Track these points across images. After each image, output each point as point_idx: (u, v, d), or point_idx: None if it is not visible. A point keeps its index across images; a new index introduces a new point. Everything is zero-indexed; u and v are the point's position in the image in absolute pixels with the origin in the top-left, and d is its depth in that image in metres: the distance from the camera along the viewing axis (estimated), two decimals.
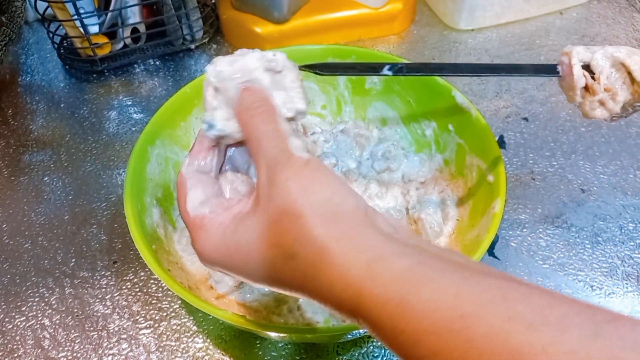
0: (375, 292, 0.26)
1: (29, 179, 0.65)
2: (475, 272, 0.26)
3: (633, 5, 0.86)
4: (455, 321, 0.24)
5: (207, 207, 0.34)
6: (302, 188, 0.29)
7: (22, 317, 0.53)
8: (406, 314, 0.25)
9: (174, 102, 0.56)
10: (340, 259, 0.28)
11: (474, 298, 0.24)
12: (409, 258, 0.27)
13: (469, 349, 0.24)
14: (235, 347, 0.50)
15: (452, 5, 0.83)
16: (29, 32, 0.87)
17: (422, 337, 0.25)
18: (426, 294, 0.25)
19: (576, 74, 0.40)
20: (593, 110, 0.41)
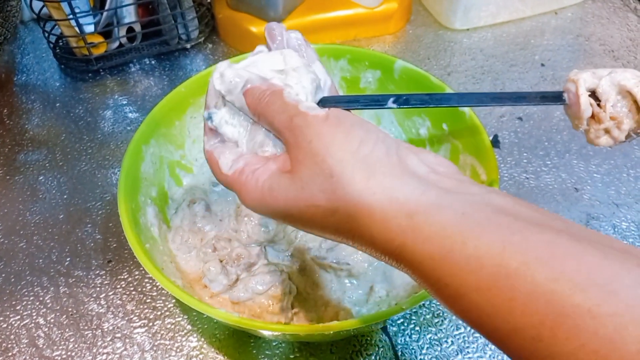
0: (418, 246, 0.26)
1: (24, 178, 0.66)
2: (523, 224, 0.25)
3: (627, 5, 0.87)
4: (500, 279, 0.24)
5: (241, 161, 0.34)
6: (326, 147, 0.29)
7: (17, 316, 0.53)
8: (450, 269, 0.25)
9: (169, 101, 0.56)
10: (379, 213, 0.27)
11: (520, 255, 0.24)
12: (451, 209, 0.26)
13: (512, 306, 0.23)
14: (230, 345, 0.51)
15: (447, 4, 0.83)
16: (25, 31, 0.87)
17: (466, 292, 0.25)
18: (470, 249, 0.25)
19: (583, 105, 0.40)
20: (598, 139, 0.41)
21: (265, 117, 0.33)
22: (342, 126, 0.30)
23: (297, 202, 0.30)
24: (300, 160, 0.30)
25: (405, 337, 0.51)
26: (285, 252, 0.54)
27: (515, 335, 0.24)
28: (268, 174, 0.32)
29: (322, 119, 0.30)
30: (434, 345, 0.51)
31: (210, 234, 0.54)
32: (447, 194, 0.27)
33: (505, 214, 0.26)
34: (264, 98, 0.33)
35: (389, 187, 0.27)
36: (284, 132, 0.31)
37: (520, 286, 0.23)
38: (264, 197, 0.32)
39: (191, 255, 0.53)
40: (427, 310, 0.53)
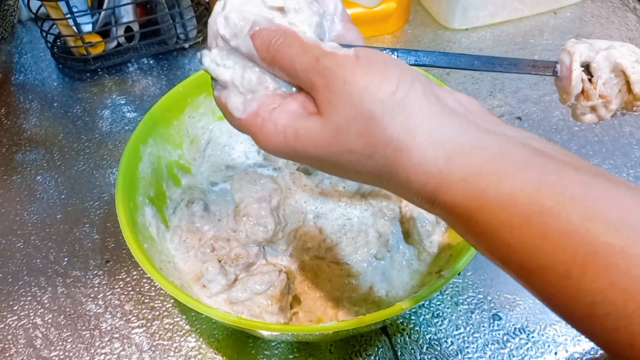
0: (453, 186, 0.26)
1: (21, 178, 0.65)
2: (560, 165, 0.25)
3: (626, 5, 0.87)
4: (533, 216, 0.24)
5: (253, 102, 0.32)
6: (363, 88, 0.27)
7: (14, 316, 0.53)
8: (482, 207, 0.25)
9: (167, 100, 0.56)
10: (418, 157, 0.27)
11: (555, 194, 0.24)
12: (489, 149, 0.26)
13: (543, 243, 0.23)
14: (228, 346, 0.50)
15: (445, 4, 0.83)
16: (23, 31, 0.87)
17: (496, 229, 0.25)
18: (505, 188, 0.25)
19: (574, 80, 0.39)
20: (583, 115, 0.40)
21: (280, 61, 0.30)
22: (376, 65, 0.28)
23: (330, 147, 0.29)
24: (333, 103, 0.28)
25: (405, 337, 0.51)
26: (284, 252, 0.54)
27: (543, 272, 0.24)
28: (288, 116, 0.30)
29: (353, 59, 0.28)
30: (433, 345, 0.50)
31: (208, 233, 0.54)
32: (486, 134, 0.27)
33: (543, 156, 0.26)
34: (276, 40, 0.31)
35: (429, 129, 0.27)
36: (310, 74, 0.29)
37: (553, 224, 0.23)
38: (288, 142, 0.30)
39: (189, 255, 0.52)
40: (426, 310, 0.53)
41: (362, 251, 0.53)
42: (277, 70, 0.31)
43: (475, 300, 0.53)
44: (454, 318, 0.52)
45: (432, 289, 0.42)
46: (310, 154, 0.30)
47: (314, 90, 0.29)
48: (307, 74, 0.29)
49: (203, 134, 0.60)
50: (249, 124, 0.31)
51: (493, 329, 0.51)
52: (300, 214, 0.55)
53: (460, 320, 0.52)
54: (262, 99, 0.31)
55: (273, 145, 0.30)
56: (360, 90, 0.27)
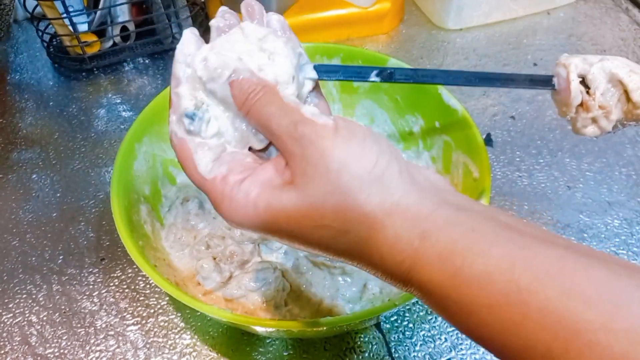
0: (428, 265, 0.26)
1: (17, 177, 0.65)
2: (531, 239, 0.25)
3: (619, 6, 0.87)
4: (511, 295, 0.23)
5: (223, 165, 0.30)
6: (342, 163, 0.27)
7: (10, 314, 0.53)
8: (459, 287, 0.25)
9: (162, 99, 0.56)
10: (393, 234, 0.26)
11: (530, 271, 0.24)
12: (461, 225, 0.26)
13: (523, 323, 0.23)
14: (223, 343, 0.51)
15: (440, 4, 0.83)
16: (18, 30, 0.87)
17: (475, 309, 0.24)
18: (480, 266, 0.24)
19: (573, 91, 0.38)
20: (585, 128, 0.40)
21: (257, 117, 0.30)
22: (355, 139, 0.28)
23: (303, 221, 0.28)
24: (308, 175, 0.27)
25: (399, 334, 0.51)
26: (279, 249, 0.54)
27: (525, 352, 0.23)
28: (260, 187, 0.29)
29: (332, 130, 0.28)
30: (427, 342, 0.51)
31: (203, 231, 0.54)
32: (457, 211, 0.27)
33: (512, 230, 0.26)
34: (255, 94, 0.30)
35: (404, 207, 0.27)
36: (285, 139, 0.28)
37: (531, 302, 0.23)
38: (258, 215, 0.28)
39: (184, 252, 0.53)
40: (420, 307, 0.53)
41: None
42: (252, 123, 0.31)
43: None
44: None
45: None
46: (282, 228, 0.28)
47: (290, 156, 0.28)
48: (283, 138, 0.28)
49: None
50: (213, 187, 0.30)
51: None
52: None
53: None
54: (232, 163, 0.30)
55: (240, 216, 0.29)
56: (338, 165, 0.27)
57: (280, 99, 0.30)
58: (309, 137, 0.27)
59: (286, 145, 0.28)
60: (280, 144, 0.29)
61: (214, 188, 0.29)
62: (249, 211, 0.28)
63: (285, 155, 0.29)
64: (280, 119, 0.29)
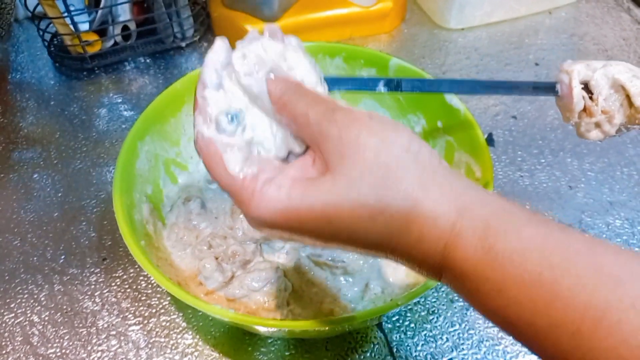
0: (464, 241, 0.26)
1: (18, 176, 0.65)
2: (558, 225, 0.26)
3: (620, 5, 0.87)
4: (543, 272, 0.24)
5: (253, 165, 0.30)
6: (380, 141, 0.28)
7: (11, 313, 0.53)
8: (493, 263, 0.25)
9: (164, 98, 0.56)
10: (431, 209, 0.27)
11: (562, 250, 0.24)
12: (492, 205, 0.27)
13: (553, 300, 0.23)
14: (225, 343, 0.51)
15: (442, 4, 0.83)
16: (19, 29, 0.87)
17: (506, 285, 0.25)
18: (514, 243, 0.25)
19: (576, 97, 0.39)
20: (588, 132, 0.40)
21: (293, 107, 0.30)
22: (389, 124, 0.29)
23: (340, 203, 0.27)
24: (346, 155, 0.28)
25: (401, 334, 0.51)
26: (280, 249, 0.54)
27: (554, 330, 0.24)
28: (290, 181, 0.29)
29: (367, 115, 0.29)
30: (429, 342, 0.51)
31: (205, 231, 0.54)
32: (487, 194, 0.28)
33: (539, 215, 0.26)
34: (291, 89, 0.31)
35: (440, 185, 0.28)
36: (323, 123, 0.29)
37: (563, 280, 0.23)
38: (292, 207, 0.28)
39: (186, 252, 0.53)
40: (422, 307, 0.53)
41: None
42: (286, 117, 0.31)
43: None
44: (450, 315, 0.52)
45: (428, 286, 0.42)
46: (317, 216, 0.28)
47: (324, 141, 0.29)
48: (320, 123, 0.29)
49: None
50: (243, 185, 0.30)
51: (488, 326, 0.51)
52: None
53: (455, 317, 0.52)
54: (262, 164, 0.30)
55: (271, 211, 0.28)
56: (375, 143, 0.28)
57: (314, 93, 0.31)
58: (344, 120, 0.28)
59: (323, 130, 0.29)
60: (316, 132, 0.29)
61: (244, 187, 0.29)
62: (282, 203, 0.28)
63: (318, 143, 0.29)
64: (317, 106, 0.29)
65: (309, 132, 0.30)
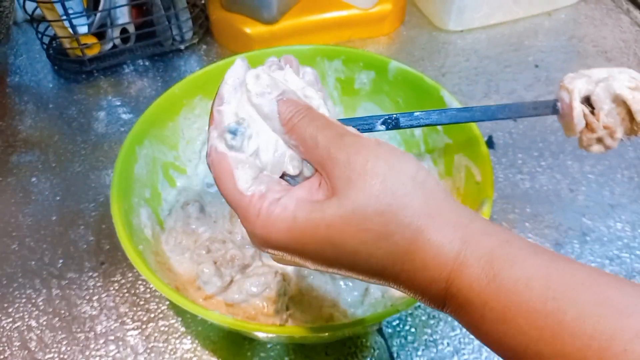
0: (468, 270, 0.27)
1: (16, 180, 0.65)
2: (562, 256, 0.26)
3: (620, 7, 0.87)
4: (548, 302, 0.24)
5: (262, 184, 0.30)
6: (387, 169, 0.28)
7: (9, 318, 0.53)
8: (498, 291, 0.26)
9: (162, 102, 0.56)
10: (436, 237, 0.27)
11: (566, 280, 0.25)
12: (496, 236, 0.27)
13: (559, 330, 0.24)
14: (224, 348, 0.50)
15: (441, 6, 0.83)
16: (18, 32, 0.86)
17: (511, 315, 0.25)
18: (518, 272, 0.25)
19: (576, 117, 0.38)
20: (590, 147, 0.40)
21: (302, 130, 0.30)
22: (397, 152, 0.29)
23: (344, 227, 0.28)
24: (353, 180, 0.28)
25: (401, 339, 0.51)
26: None
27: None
28: (295, 202, 0.29)
29: (375, 142, 0.29)
30: (429, 347, 0.50)
31: (204, 235, 0.54)
32: (490, 225, 0.28)
33: (540, 247, 0.27)
34: (301, 112, 0.31)
35: (445, 214, 0.28)
36: (332, 148, 0.29)
37: (568, 310, 0.24)
38: (296, 227, 0.28)
39: (185, 257, 0.52)
40: (422, 311, 0.53)
41: None
42: (294, 139, 0.31)
43: None
44: (450, 319, 0.52)
45: None
46: (321, 238, 0.28)
47: (332, 165, 0.29)
48: (328, 147, 0.29)
49: (199, 135, 0.60)
50: (250, 203, 0.30)
51: None
52: None
53: (456, 321, 0.52)
54: (270, 184, 0.31)
55: (276, 230, 0.29)
56: (383, 170, 0.28)
57: (324, 117, 0.31)
58: (354, 145, 0.29)
59: (331, 154, 0.29)
60: (323, 155, 0.29)
61: (252, 204, 0.30)
62: (287, 224, 0.29)
63: (326, 166, 0.29)
64: (326, 131, 0.30)
65: (317, 155, 0.30)
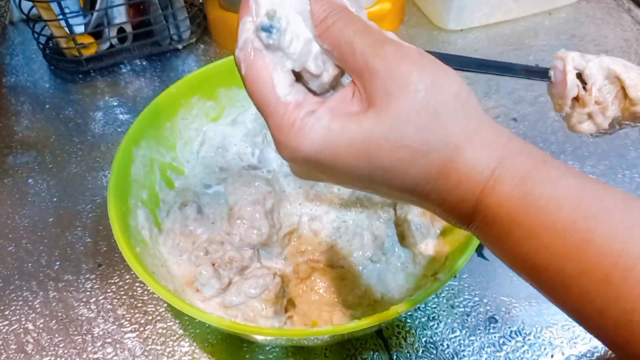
0: (500, 187, 0.27)
1: (13, 181, 0.65)
2: (596, 180, 0.27)
3: (621, 6, 0.87)
4: (577, 220, 0.25)
5: (299, 92, 0.28)
6: (431, 84, 0.27)
7: (5, 321, 0.52)
8: (528, 209, 0.26)
9: (160, 102, 0.55)
10: (472, 156, 0.27)
11: (598, 201, 0.25)
12: (533, 156, 0.27)
13: (585, 248, 0.24)
14: (222, 350, 0.50)
15: (440, 5, 0.82)
16: (14, 32, 0.86)
17: (539, 232, 0.25)
18: (550, 191, 0.26)
19: (569, 82, 0.38)
20: (580, 124, 0.40)
21: (336, 35, 0.28)
22: (442, 67, 0.28)
23: (382, 142, 0.27)
24: (394, 94, 0.26)
25: (400, 341, 0.50)
26: (278, 255, 0.53)
27: (582, 277, 0.24)
28: (330, 114, 0.27)
29: (418, 53, 0.28)
30: (429, 349, 0.50)
31: (202, 237, 0.53)
32: (528, 145, 0.28)
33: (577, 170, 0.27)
34: (337, 12, 0.29)
35: (484, 134, 0.28)
36: (370, 57, 0.27)
37: (597, 229, 0.24)
38: (330, 139, 0.27)
39: (183, 258, 0.52)
40: (422, 313, 0.52)
41: (357, 254, 0.52)
42: (328, 43, 0.29)
43: (471, 302, 0.53)
44: (450, 321, 0.52)
45: (428, 292, 0.42)
46: (358, 154, 0.27)
47: (370, 75, 0.27)
48: (366, 56, 0.27)
49: (196, 135, 0.60)
50: (287, 112, 0.28)
51: (489, 332, 0.51)
52: (294, 216, 0.55)
53: (456, 323, 0.51)
54: (307, 94, 0.29)
55: (310, 141, 0.27)
56: (426, 85, 0.27)
57: (362, 20, 0.29)
58: (395, 55, 0.27)
59: (369, 64, 0.27)
60: (360, 65, 0.27)
61: (287, 113, 0.28)
62: (321, 136, 0.27)
63: (363, 76, 0.28)
64: (364, 37, 0.28)
65: (353, 63, 0.28)
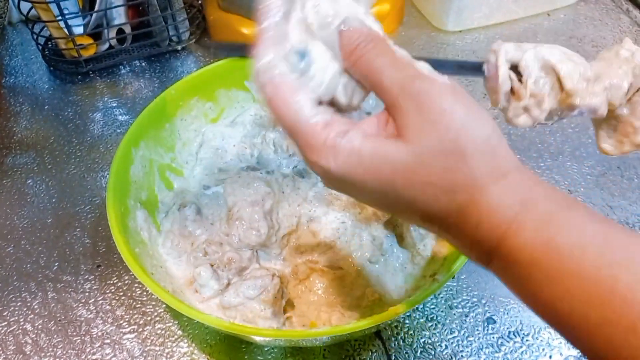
0: (523, 230, 0.27)
1: (12, 182, 0.65)
2: (621, 226, 0.26)
3: (619, 7, 0.87)
4: (602, 268, 0.24)
5: (327, 113, 0.29)
6: (461, 125, 0.27)
7: (4, 322, 0.52)
8: (551, 253, 0.26)
9: (159, 103, 0.55)
10: (496, 199, 0.27)
11: (623, 249, 0.25)
12: (557, 202, 0.27)
13: (610, 296, 0.24)
14: (221, 351, 0.50)
15: (440, 6, 0.82)
16: (13, 33, 0.86)
17: (562, 277, 0.25)
18: (574, 237, 0.26)
19: (501, 77, 0.37)
20: (517, 117, 0.38)
21: (366, 68, 0.29)
22: (474, 105, 0.28)
23: (410, 174, 0.27)
24: (424, 131, 0.27)
25: (399, 341, 0.50)
26: (277, 256, 0.53)
27: (607, 325, 0.24)
28: (363, 136, 0.28)
29: (451, 90, 0.28)
30: (427, 350, 0.50)
31: (201, 238, 0.53)
32: (553, 190, 0.28)
33: (602, 216, 0.27)
34: (366, 44, 0.29)
35: (510, 178, 0.28)
36: (397, 93, 0.28)
37: (622, 277, 0.24)
38: (362, 163, 0.28)
39: (181, 259, 0.52)
40: (420, 313, 0.52)
41: (356, 255, 0.52)
42: (358, 74, 0.30)
43: (470, 303, 0.53)
44: (448, 322, 0.52)
45: (427, 293, 0.42)
46: (384, 181, 0.28)
47: (402, 112, 0.28)
48: (395, 92, 0.28)
49: (195, 137, 0.60)
50: (314, 132, 0.28)
51: (487, 333, 0.51)
52: (293, 217, 0.55)
53: (454, 324, 0.51)
54: (335, 115, 0.29)
55: (341, 162, 0.28)
56: (458, 125, 0.27)
57: (392, 52, 0.29)
58: (427, 93, 0.27)
59: (397, 100, 0.28)
60: (390, 98, 0.28)
61: (316, 132, 0.28)
62: (352, 158, 0.28)
63: (393, 110, 0.28)
64: (394, 72, 0.28)
65: (383, 97, 0.28)
